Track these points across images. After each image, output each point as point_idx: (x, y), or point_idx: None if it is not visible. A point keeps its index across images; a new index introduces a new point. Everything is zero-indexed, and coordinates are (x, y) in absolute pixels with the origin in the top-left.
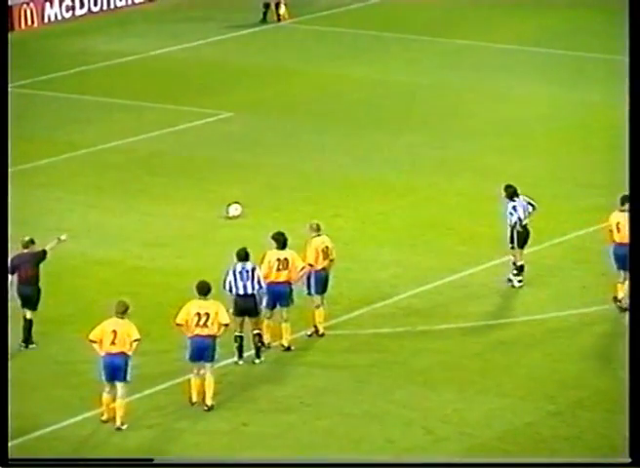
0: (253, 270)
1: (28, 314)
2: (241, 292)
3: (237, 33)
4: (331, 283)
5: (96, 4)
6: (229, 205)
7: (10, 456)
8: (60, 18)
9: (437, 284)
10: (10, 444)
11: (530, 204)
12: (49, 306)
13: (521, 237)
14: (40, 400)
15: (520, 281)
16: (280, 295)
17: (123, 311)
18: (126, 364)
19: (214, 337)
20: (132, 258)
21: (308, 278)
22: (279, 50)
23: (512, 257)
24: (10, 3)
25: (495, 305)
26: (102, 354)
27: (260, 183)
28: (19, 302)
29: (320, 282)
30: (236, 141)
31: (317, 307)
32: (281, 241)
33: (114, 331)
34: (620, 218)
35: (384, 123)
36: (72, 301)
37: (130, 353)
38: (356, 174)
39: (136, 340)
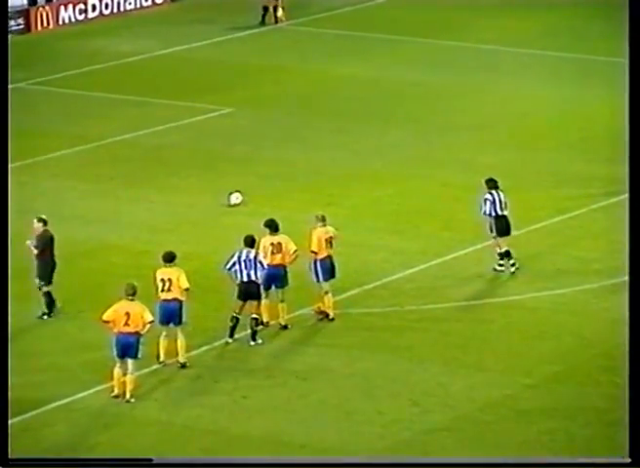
0: (255, 258)
1: None
2: (245, 279)
3: (238, 34)
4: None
5: (107, 7)
6: (231, 194)
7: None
8: (73, 20)
9: (423, 267)
10: (25, 416)
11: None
12: (63, 287)
13: (498, 227)
14: (54, 374)
15: (513, 265)
16: (275, 277)
17: (132, 293)
18: (137, 342)
19: (179, 301)
20: (140, 243)
21: (315, 267)
22: (277, 50)
23: (496, 246)
24: (27, 6)
25: (476, 287)
26: (116, 332)
27: (258, 174)
28: None
29: (326, 269)
30: (237, 135)
31: (326, 294)
32: (273, 226)
33: (127, 314)
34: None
35: (375, 118)
36: (84, 283)
37: (143, 333)
38: (348, 165)
39: (150, 322)
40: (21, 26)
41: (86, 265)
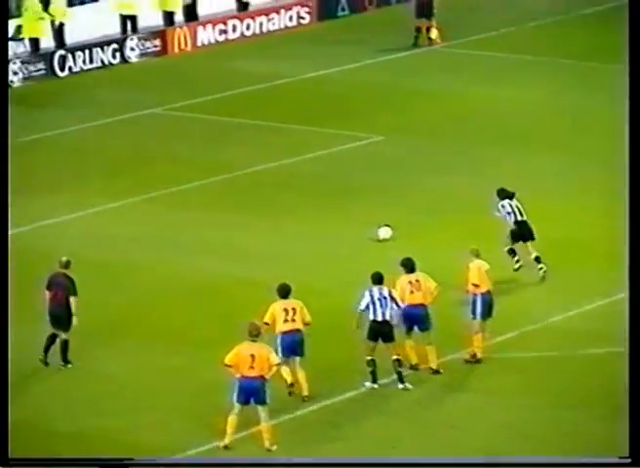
0: (389, 294)
1: None
2: (379, 318)
3: (389, 56)
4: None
5: (248, 28)
6: (380, 227)
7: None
8: (212, 41)
9: (588, 308)
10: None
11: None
12: (192, 327)
13: (524, 231)
14: (173, 417)
15: (541, 269)
16: (417, 318)
17: (256, 334)
18: (264, 387)
19: (302, 332)
20: (278, 279)
21: (474, 302)
22: (430, 73)
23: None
24: (163, 26)
25: None
26: (238, 377)
27: (409, 206)
28: None
29: (486, 305)
30: (386, 164)
31: (476, 333)
32: (409, 266)
33: (252, 356)
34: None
35: (534, 144)
36: (215, 322)
37: (268, 377)
38: None
39: (277, 365)
40: (158, 48)
41: (217, 303)
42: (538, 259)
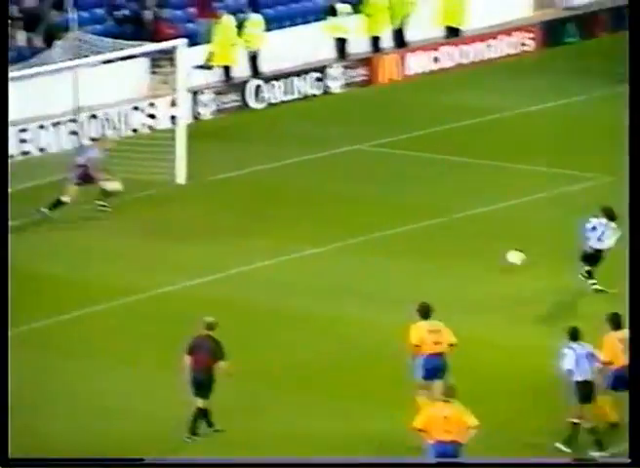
0: (591, 351)
1: None
2: (589, 377)
3: (622, 88)
4: None
5: (465, 55)
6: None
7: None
8: (425, 70)
9: None
10: None
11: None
12: (389, 387)
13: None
14: None
15: (593, 284)
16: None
17: (451, 394)
18: (458, 453)
19: (445, 355)
20: (494, 340)
21: None
22: None
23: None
24: (371, 53)
25: None
26: (432, 442)
27: None
28: None
29: None
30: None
31: None
32: (616, 322)
33: (446, 418)
34: None
35: None
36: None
37: (464, 442)
38: None
39: (475, 427)
40: (363, 77)
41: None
42: (589, 273)
